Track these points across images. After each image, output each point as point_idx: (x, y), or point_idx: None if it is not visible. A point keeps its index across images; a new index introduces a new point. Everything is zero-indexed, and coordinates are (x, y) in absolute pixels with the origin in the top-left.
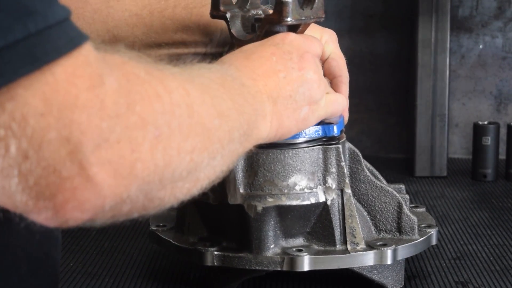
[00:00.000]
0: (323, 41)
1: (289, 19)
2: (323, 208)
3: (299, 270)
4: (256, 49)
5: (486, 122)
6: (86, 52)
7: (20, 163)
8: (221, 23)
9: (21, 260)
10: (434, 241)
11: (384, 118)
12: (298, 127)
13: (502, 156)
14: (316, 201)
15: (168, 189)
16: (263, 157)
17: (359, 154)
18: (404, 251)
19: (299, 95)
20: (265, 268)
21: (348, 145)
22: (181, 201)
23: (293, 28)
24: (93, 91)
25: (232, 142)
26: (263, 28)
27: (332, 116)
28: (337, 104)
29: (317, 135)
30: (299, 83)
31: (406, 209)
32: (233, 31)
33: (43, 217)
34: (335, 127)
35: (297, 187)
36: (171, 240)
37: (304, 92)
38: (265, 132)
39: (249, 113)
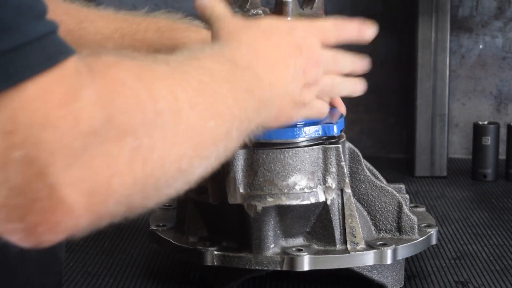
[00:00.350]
0: None
1: (288, 18)
2: (323, 208)
3: (299, 270)
4: (276, 34)
5: (486, 122)
6: (64, 67)
7: None
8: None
9: (29, 259)
10: (434, 241)
11: (384, 118)
12: (280, 122)
13: (502, 156)
14: (316, 201)
15: (152, 197)
16: (263, 157)
17: (359, 154)
18: (404, 251)
19: (294, 94)
20: (265, 268)
21: (348, 144)
22: (164, 201)
23: None
24: (66, 108)
25: (230, 140)
26: None
27: (310, 118)
28: (317, 113)
29: (317, 135)
30: (298, 83)
31: (406, 209)
32: None
33: (15, 238)
34: (335, 127)
35: (297, 187)
36: (171, 240)
37: (298, 92)
38: (261, 122)
39: (252, 108)
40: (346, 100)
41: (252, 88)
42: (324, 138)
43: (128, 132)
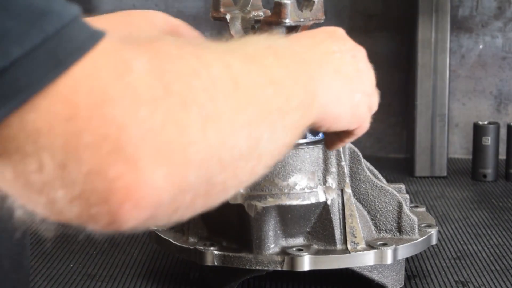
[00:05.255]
0: None
1: (287, 20)
2: (323, 208)
3: (299, 270)
4: (306, 33)
5: (486, 122)
6: (107, 43)
7: (60, 174)
8: None
9: (3, 257)
10: (434, 241)
11: (384, 118)
12: (352, 111)
13: (502, 156)
14: (316, 201)
15: (229, 170)
16: None
17: (359, 153)
18: (404, 251)
19: (355, 78)
20: (265, 268)
21: (348, 144)
22: (246, 183)
23: (292, 30)
24: (122, 80)
25: (293, 112)
26: (262, 30)
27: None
28: (365, 130)
29: (317, 138)
30: (354, 67)
31: (406, 209)
32: (232, 32)
33: (101, 224)
34: None
35: (297, 187)
36: (171, 240)
37: (359, 76)
38: (324, 100)
39: (305, 81)
40: None
41: (297, 61)
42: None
43: (190, 99)
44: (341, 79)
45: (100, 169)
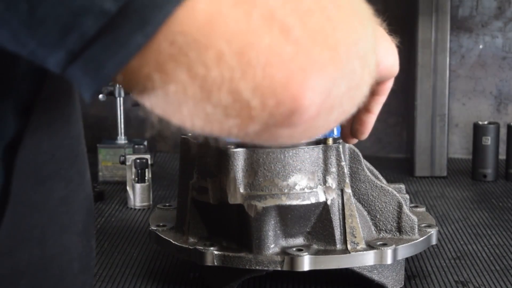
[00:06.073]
0: None
1: None
2: (323, 208)
3: (299, 270)
4: None
5: (486, 122)
6: None
7: (239, 62)
8: None
9: (74, 259)
10: (434, 241)
11: (384, 118)
12: (395, 56)
13: (502, 156)
14: (316, 201)
15: (361, 70)
16: (263, 157)
17: (359, 154)
18: (404, 251)
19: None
20: (265, 268)
21: (348, 144)
22: (364, 95)
23: None
24: None
25: (372, 40)
26: None
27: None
28: None
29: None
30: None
31: (406, 209)
32: None
33: (283, 115)
34: (334, 128)
35: (297, 187)
36: (171, 240)
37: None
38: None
39: (367, 16)
40: None
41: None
42: (323, 139)
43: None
44: (384, 39)
45: (275, 50)
